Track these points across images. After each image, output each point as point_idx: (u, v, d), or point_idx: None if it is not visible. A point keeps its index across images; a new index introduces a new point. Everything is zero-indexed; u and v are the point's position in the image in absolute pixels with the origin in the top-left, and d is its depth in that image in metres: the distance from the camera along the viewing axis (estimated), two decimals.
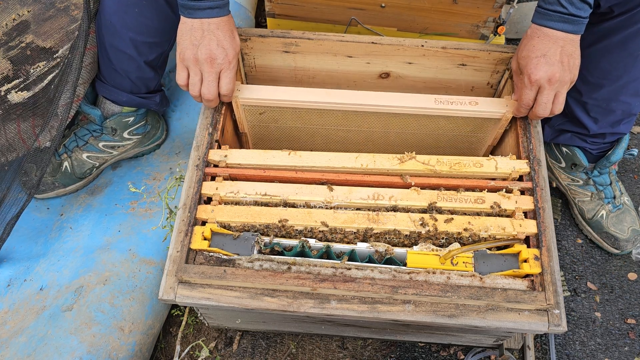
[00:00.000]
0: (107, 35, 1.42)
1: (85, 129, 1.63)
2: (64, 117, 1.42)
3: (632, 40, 1.33)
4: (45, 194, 1.61)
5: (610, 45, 1.37)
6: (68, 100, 1.42)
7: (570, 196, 1.72)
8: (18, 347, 1.27)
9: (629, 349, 1.54)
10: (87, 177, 1.67)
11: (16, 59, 1.38)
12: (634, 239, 1.65)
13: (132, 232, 1.51)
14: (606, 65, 1.41)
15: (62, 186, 1.62)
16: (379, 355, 1.53)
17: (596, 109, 1.51)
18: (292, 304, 1.06)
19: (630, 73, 1.40)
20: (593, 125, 1.55)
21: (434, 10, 1.73)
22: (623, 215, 1.65)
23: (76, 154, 1.62)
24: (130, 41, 1.41)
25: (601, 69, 1.43)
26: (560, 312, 1.04)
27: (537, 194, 1.18)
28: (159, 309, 1.44)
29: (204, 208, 1.15)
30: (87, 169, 1.64)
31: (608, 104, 1.49)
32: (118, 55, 1.46)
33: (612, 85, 1.44)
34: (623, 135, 1.58)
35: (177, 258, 1.08)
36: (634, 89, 1.44)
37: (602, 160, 1.60)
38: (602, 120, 1.54)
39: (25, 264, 1.45)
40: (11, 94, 1.37)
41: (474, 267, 1.10)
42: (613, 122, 1.53)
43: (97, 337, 1.30)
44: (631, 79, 1.41)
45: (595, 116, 1.53)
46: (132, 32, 1.40)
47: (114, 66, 1.49)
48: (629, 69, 1.39)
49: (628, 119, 1.53)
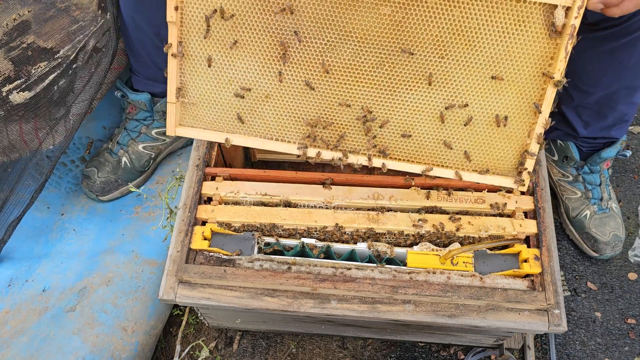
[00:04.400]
0: (133, 31, 1.45)
1: (135, 121, 1.65)
2: (75, 127, 1.44)
3: (620, 51, 1.33)
4: (110, 194, 1.63)
5: (599, 54, 1.37)
6: (82, 111, 1.44)
7: (559, 192, 1.71)
8: (20, 347, 1.27)
9: (629, 349, 1.54)
10: (146, 171, 1.69)
11: (17, 59, 1.39)
12: (614, 244, 1.61)
13: (136, 234, 1.52)
14: (596, 72, 1.42)
15: (125, 183, 1.64)
16: (379, 355, 1.53)
17: (588, 113, 1.52)
18: (292, 304, 1.06)
19: (620, 81, 1.40)
20: (583, 130, 1.56)
21: None
22: (607, 219, 1.62)
23: (132, 147, 1.65)
24: (155, 35, 1.43)
25: (592, 77, 1.44)
26: (561, 312, 1.04)
27: (537, 194, 1.18)
28: (162, 309, 1.45)
29: (204, 208, 1.15)
30: (145, 160, 1.67)
31: (600, 109, 1.49)
32: (146, 49, 1.48)
33: (603, 92, 1.44)
34: (615, 140, 1.57)
35: (177, 258, 1.09)
36: (626, 96, 1.44)
37: (593, 156, 1.60)
38: (594, 125, 1.54)
39: (26, 264, 1.46)
40: (13, 94, 1.37)
41: (474, 267, 1.10)
42: (604, 127, 1.53)
43: (100, 338, 1.30)
44: (622, 87, 1.41)
45: (587, 120, 1.54)
46: (154, 26, 1.41)
47: (144, 60, 1.52)
48: (620, 77, 1.39)
49: (620, 125, 1.52)
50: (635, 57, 1.33)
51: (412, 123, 1.08)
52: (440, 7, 0.96)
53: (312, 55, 1.03)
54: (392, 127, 1.09)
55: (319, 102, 1.08)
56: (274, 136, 1.12)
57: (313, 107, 1.09)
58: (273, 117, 1.10)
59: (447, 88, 1.03)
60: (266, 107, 1.10)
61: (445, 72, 1.02)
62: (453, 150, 1.09)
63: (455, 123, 1.07)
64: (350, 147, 1.12)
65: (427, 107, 1.06)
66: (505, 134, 1.06)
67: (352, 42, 1.01)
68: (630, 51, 1.32)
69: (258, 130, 1.12)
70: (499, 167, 1.09)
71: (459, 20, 0.96)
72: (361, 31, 1.00)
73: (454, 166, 1.10)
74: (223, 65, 1.07)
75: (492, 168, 1.10)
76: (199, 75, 1.09)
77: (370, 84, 1.05)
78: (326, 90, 1.07)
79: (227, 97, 1.10)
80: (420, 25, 0.98)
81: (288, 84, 1.07)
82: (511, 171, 1.09)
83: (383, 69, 1.03)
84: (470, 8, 0.95)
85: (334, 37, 1.01)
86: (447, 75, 1.02)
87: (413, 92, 1.05)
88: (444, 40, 0.99)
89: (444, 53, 0.99)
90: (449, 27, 0.97)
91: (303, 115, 1.09)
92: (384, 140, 1.10)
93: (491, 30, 0.97)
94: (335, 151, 1.11)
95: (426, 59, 1.01)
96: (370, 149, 1.11)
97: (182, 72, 1.09)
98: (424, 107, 1.06)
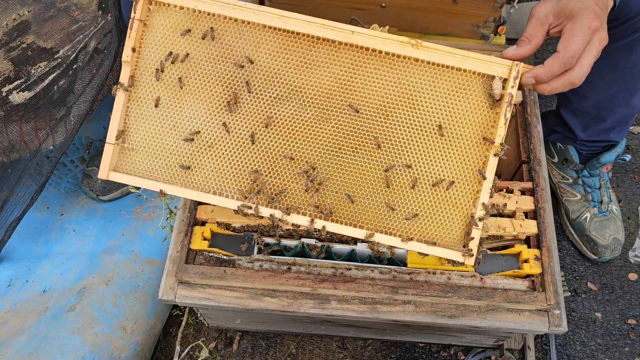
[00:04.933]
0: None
1: None
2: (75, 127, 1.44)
3: (617, 54, 1.32)
4: (111, 194, 1.63)
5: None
6: (83, 112, 1.44)
7: (559, 194, 1.71)
8: (19, 346, 1.27)
9: (629, 350, 1.54)
10: None
11: (17, 59, 1.39)
12: (614, 247, 1.61)
13: (136, 234, 1.52)
14: (593, 76, 1.41)
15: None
16: (379, 355, 1.53)
17: (586, 116, 1.51)
18: (292, 304, 1.06)
19: (618, 84, 1.39)
20: (582, 133, 1.55)
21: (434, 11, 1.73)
22: (607, 222, 1.62)
23: None
24: None
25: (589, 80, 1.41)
26: (561, 312, 1.04)
27: (538, 194, 1.18)
28: (161, 309, 1.45)
29: (203, 208, 1.15)
30: None
31: (598, 112, 1.48)
32: None
33: (600, 95, 1.43)
34: (615, 143, 1.56)
35: (177, 258, 1.09)
36: (624, 99, 1.43)
37: (592, 161, 1.59)
38: (593, 128, 1.53)
39: (26, 264, 1.46)
40: (12, 94, 1.37)
41: (474, 267, 1.09)
42: (603, 130, 1.52)
43: (100, 337, 1.30)
44: (620, 90, 1.40)
45: (586, 123, 1.53)
46: None
47: None
48: (617, 80, 1.38)
49: (619, 127, 1.52)
50: (632, 60, 1.33)
51: (356, 183, 1.02)
52: (386, 69, 1.01)
53: (260, 106, 1.02)
54: (336, 186, 1.03)
55: (263, 154, 1.03)
56: (211, 189, 1.04)
57: (256, 159, 1.03)
58: (213, 167, 1.04)
59: (391, 149, 1.01)
60: (207, 157, 1.04)
61: (389, 132, 1.01)
62: (397, 215, 1.02)
63: (400, 186, 1.01)
64: (291, 203, 1.04)
65: (372, 167, 1.02)
66: (451, 201, 1.01)
67: (301, 96, 1.02)
68: (628, 54, 1.31)
69: (196, 181, 1.04)
70: (445, 236, 1.01)
71: (403, 83, 1.01)
72: (310, 87, 1.02)
73: (397, 233, 1.01)
74: (170, 109, 1.04)
75: (439, 238, 1.01)
76: (144, 118, 1.04)
77: (316, 139, 1.02)
78: (271, 143, 1.03)
79: (168, 143, 1.04)
80: (366, 84, 1.01)
81: (233, 134, 1.03)
82: (458, 241, 1.01)
83: (329, 124, 1.02)
84: (414, 72, 1.00)
85: (284, 91, 1.02)
86: (391, 136, 1.01)
87: (357, 152, 1.02)
88: (389, 101, 1.01)
89: (389, 113, 1.01)
90: (394, 89, 1.01)
91: (245, 167, 1.04)
92: (327, 199, 1.03)
93: (434, 94, 1.01)
94: (275, 208, 1.03)
95: (371, 118, 1.01)
96: (311, 208, 1.03)
97: (127, 114, 1.05)
98: (368, 168, 1.02)
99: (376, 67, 1.01)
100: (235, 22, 1.01)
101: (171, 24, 1.02)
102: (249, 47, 1.01)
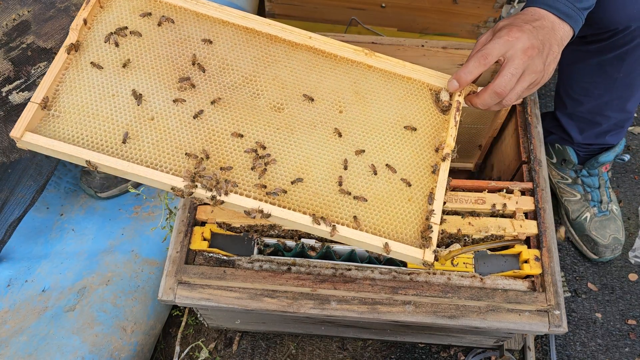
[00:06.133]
0: None
1: None
2: None
3: (609, 64, 1.34)
4: (109, 191, 1.62)
5: (589, 66, 1.38)
6: None
7: (559, 194, 1.71)
8: (19, 346, 1.27)
9: (629, 350, 1.54)
10: None
11: (17, 59, 1.39)
12: (614, 247, 1.61)
13: (135, 234, 1.52)
14: (586, 84, 1.43)
15: (124, 180, 1.62)
16: (379, 356, 1.53)
17: (582, 120, 1.52)
18: (292, 304, 1.06)
19: (612, 92, 1.40)
20: (578, 136, 1.56)
21: (434, 10, 1.73)
22: (608, 222, 1.62)
23: None
24: None
25: (582, 87, 1.44)
26: (561, 312, 1.04)
27: (538, 194, 1.17)
28: (161, 309, 1.44)
29: (203, 208, 1.15)
30: None
31: (594, 117, 1.49)
32: None
33: (594, 101, 1.45)
34: (611, 146, 1.56)
35: (177, 259, 1.08)
36: (618, 105, 1.44)
37: (590, 161, 1.59)
38: (588, 131, 1.54)
39: (25, 264, 1.46)
40: (12, 94, 1.37)
41: (474, 267, 1.10)
42: (599, 133, 1.53)
43: (100, 337, 1.30)
44: (614, 97, 1.42)
45: (582, 127, 1.54)
46: None
47: None
48: (610, 89, 1.40)
49: (615, 130, 1.52)
50: (623, 71, 1.34)
51: (307, 167, 0.99)
52: (341, 70, 1.08)
53: (211, 90, 1.02)
54: (285, 168, 0.98)
55: (208, 132, 0.99)
56: (144, 162, 0.95)
57: (201, 137, 0.98)
58: (152, 140, 0.97)
59: (345, 139, 1.02)
60: (147, 130, 0.97)
61: (343, 125, 1.04)
62: (349, 202, 0.97)
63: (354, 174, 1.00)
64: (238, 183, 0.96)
65: (326, 152, 1.01)
66: (405, 195, 0.99)
67: (255, 86, 1.04)
68: (619, 65, 1.33)
69: (129, 153, 0.95)
70: (401, 231, 0.97)
71: (357, 84, 1.07)
72: (266, 78, 1.05)
73: (348, 222, 0.96)
74: (113, 78, 1.00)
75: (393, 232, 0.96)
76: (82, 84, 0.98)
77: (267, 123, 1.01)
78: (219, 121, 1.00)
79: (104, 111, 0.97)
80: (321, 81, 1.07)
81: (179, 109, 0.99)
82: (416, 238, 0.96)
83: (282, 112, 1.03)
84: (368, 76, 1.09)
85: (237, 80, 1.04)
86: (345, 128, 1.03)
87: (311, 136, 1.01)
88: (344, 97, 1.06)
89: (343, 109, 1.05)
90: (348, 88, 1.07)
91: (188, 144, 0.97)
92: (275, 181, 0.97)
93: (387, 97, 1.07)
94: (214, 189, 0.94)
95: (326, 110, 1.05)
96: (257, 189, 0.95)
97: (61, 81, 0.98)
98: (322, 153, 1.00)
99: (332, 68, 1.08)
100: (197, 15, 1.06)
101: (130, 7, 1.05)
102: (207, 37, 1.06)
